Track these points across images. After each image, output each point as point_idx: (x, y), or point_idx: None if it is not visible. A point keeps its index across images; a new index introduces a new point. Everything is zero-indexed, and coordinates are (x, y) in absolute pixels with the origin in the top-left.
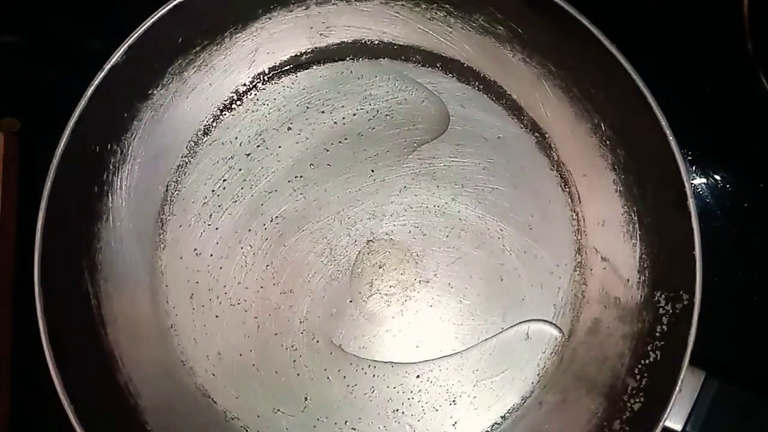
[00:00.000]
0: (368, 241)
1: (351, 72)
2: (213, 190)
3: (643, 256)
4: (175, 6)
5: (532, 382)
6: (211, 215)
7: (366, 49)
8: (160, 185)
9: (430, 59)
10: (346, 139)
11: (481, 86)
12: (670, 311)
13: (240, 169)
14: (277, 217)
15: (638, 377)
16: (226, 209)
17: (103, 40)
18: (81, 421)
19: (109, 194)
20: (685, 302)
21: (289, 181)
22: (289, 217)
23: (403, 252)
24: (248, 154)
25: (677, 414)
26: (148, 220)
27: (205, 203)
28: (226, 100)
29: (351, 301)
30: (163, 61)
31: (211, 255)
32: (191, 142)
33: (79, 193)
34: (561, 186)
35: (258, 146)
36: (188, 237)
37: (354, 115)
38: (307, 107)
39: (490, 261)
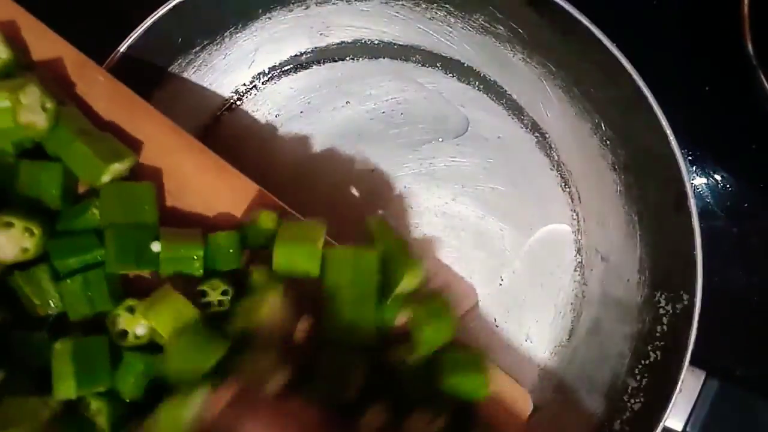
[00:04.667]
0: None
1: (351, 72)
2: None
3: (644, 256)
4: (174, 6)
5: (533, 382)
6: None
7: (366, 48)
8: None
9: (430, 59)
10: (346, 138)
11: (482, 86)
12: (671, 311)
13: (240, 169)
14: None
15: (638, 377)
16: None
17: (102, 40)
18: None
19: None
20: (686, 302)
21: (289, 181)
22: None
23: None
24: (249, 154)
25: (677, 414)
26: None
27: None
28: (226, 100)
29: None
30: (163, 61)
31: None
32: None
33: None
34: (561, 186)
35: (258, 146)
36: None
37: (354, 114)
38: (308, 107)
39: (490, 261)
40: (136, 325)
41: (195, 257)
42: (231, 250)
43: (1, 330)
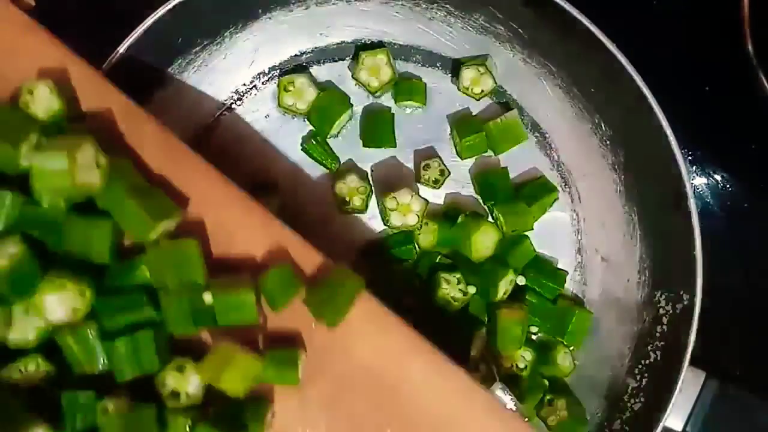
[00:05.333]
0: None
1: (351, 72)
2: None
3: (643, 256)
4: (174, 6)
5: None
6: None
7: (366, 48)
8: None
9: (430, 59)
10: (346, 140)
11: None
12: (671, 311)
13: (242, 169)
14: None
15: (638, 377)
16: None
17: (102, 40)
18: None
19: None
20: (685, 302)
21: (290, 181)
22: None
23: None
24: (249, 153)
25: (677, 414)
26: None
27: None
28: (226, 100)
29: None
30: (163, 61)
31: None
32: (192, 143)
33: None
34: (561, 186)
35: (259, 145)
36: None
37: (355, 115)
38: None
39: None
40: (188, 385)
41: (247, 302)
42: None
43: (48, 388)
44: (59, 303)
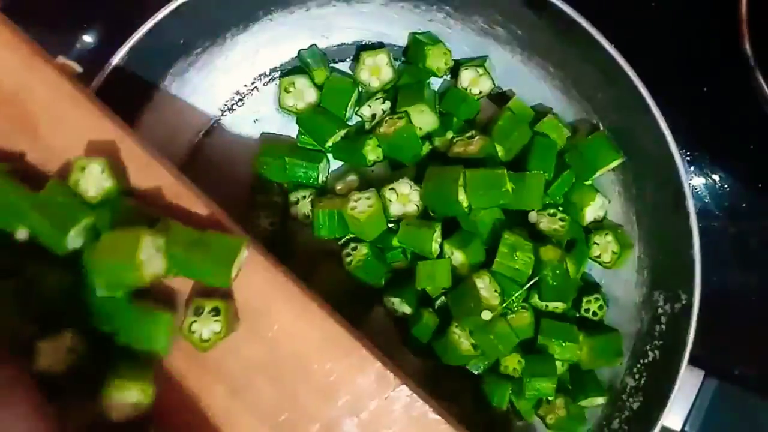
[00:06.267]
0: None
1: (352, 72)
2: None
3: (642, 255)
4: (176, 7)
5: None
6: None
7: (366, 50)
8: None
9: None
10: (346, 140)
11: None
12: (669, 311)
13: (242, 171)
14: None
15: (637, 377)
16: None
17: (103, 42)
18: None
19: None
20: (684, 302)
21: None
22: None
23: None
24: (250, 155)
25: (676, 413)
26: None
27: None
28: (227, 101)
29: None
30: (165, 62)
31: None
32: (192, 144)
33: None
34: None
35: (260, 147)
36: None
37: (355, 116)
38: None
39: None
40: None
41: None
42: None
43: None
44: (121, 401)
